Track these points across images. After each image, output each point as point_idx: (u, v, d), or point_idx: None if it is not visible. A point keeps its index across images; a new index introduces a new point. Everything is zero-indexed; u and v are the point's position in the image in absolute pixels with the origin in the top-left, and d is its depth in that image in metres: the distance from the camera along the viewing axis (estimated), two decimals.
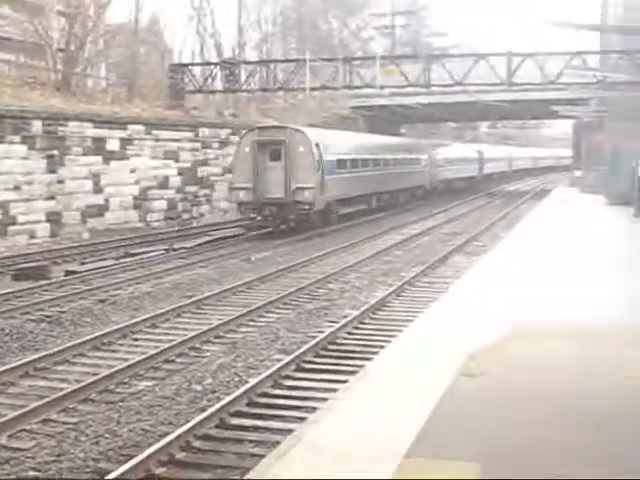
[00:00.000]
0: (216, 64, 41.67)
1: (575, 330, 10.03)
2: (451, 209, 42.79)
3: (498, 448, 6.18)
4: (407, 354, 9.15)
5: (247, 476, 5.93)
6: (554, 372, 8.12)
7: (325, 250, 25.15)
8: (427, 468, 5.81)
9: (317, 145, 30.52)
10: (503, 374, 8.14)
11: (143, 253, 24.97)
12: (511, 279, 14.42)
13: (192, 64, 43.65)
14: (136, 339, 14.19)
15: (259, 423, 9.70)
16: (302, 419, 8.38)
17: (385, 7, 73.00)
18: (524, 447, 6.20)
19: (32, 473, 8.33)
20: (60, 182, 28.01)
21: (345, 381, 9.36)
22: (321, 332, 14.11)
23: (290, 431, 7.22)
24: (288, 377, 11.65)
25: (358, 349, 13.05)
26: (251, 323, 15.27)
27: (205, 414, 9.66)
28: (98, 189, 29.75)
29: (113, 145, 30.66)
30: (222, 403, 10.08)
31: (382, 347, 10.68)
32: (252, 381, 11.11)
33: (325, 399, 8.79)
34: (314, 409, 8.55)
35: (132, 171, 31.52)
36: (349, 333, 14.26)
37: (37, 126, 27.33)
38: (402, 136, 59.02)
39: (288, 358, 12.24)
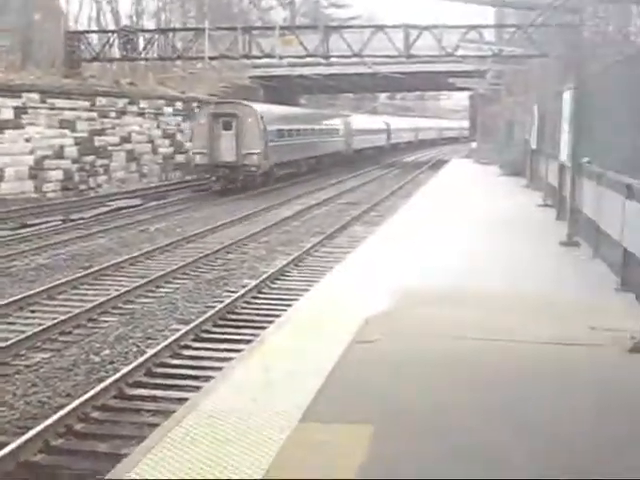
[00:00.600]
0: (113, 32, 40.97)
1: (463, 296, 10.37)
2: (352, 179, 43.38)
3: (391, 410, 6.39)
4: (303, 322, 9.30)
5: (141, 445, 6.00)
6: (444, 336, 8.39)
7: (224, 220, 25.18)
8: (321, 432, 5.97)
9: (262, 117, 35.70)
10: (396, 339, 8.37)
11: (39, 224, 24.58)
12: (405, 248, 14.70)
13: (89, 31, 42.81)
14: (32, 311, 14.02)
15: (157, 393, 9.77)
16: (201, 388, 8.47)
17: None
18: (415, 407, 6.44)
19: None
20: None
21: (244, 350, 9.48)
22: (220, 302, 14.20)
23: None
24: (187, 347, 11.73)
25: (257, 318, 13.19)
26: (149, 294, 15.24)
27: (103, 385, 9.68)
28: None
29: (7, 114, 29.90)
30: (120, 374, 10.11)
31: (280, 316, 10.81)
32: (150, 351, 11.16)
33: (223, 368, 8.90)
34: (213, 378, 8.65)
35: (27, 140, 30.79)
36: (248, 302, 14.39)
37: None
38: (302, 106, 59.84)
39: (187, 328, 12.30)
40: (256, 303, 14.41)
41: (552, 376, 7.25)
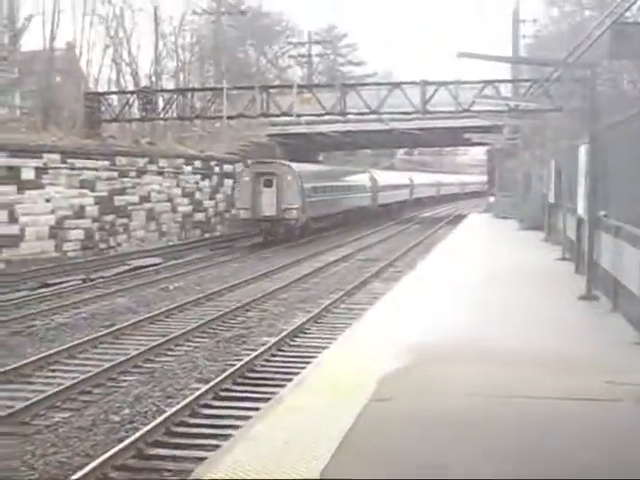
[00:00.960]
0: (133, 92, 41.49)
1: (479, 351, 10.34)
2: (373, 234, 43.71)
3: (407, 468, 6.37)
4: (321, 380, 9.28)
5: None
6: (459, 394, 8.36)
7: (242, 278, 25.26)
8: None
9: (300, 175, 39.34)
10: (412, 397, 8.36)
11: (60, 283, 24.70)
12: (423, 303, 14.67)
13: (108, 93, 43.40)
14: (52, 370, 14.08)
15: (177, 452, 9.76)
16: (220, 447, 8.44)
17: (302, 36, 73.71)
18: (433, 467, 6.40)
19: None
20: None
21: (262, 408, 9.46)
22: (239, 360, 14.21)
23: None
24: (206, 406, 11.72)
25: (276, 376, 13.18)
26: (169, 352, 15.28)
27: (122, 445, 9.67)
28: (13, 219, 29.33)
29: (28, 174, 30.26)
30: (139, 433, 10.10)
31: (298, 373, 10.80)
32: (170, 410, 11.15)
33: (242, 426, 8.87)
34: (232, 436, 8.62)
35: (48, 200, 31.08)
36: (267, 360, 14.39)
37: None
38: (320, 163, 60.71)
39: (206, 386, 12.31)
40: (275, 361, 14.42)
41: (568, 432, 7.20)
